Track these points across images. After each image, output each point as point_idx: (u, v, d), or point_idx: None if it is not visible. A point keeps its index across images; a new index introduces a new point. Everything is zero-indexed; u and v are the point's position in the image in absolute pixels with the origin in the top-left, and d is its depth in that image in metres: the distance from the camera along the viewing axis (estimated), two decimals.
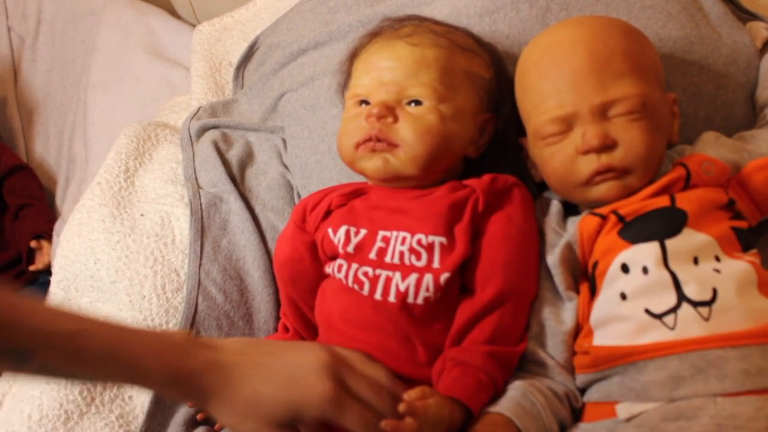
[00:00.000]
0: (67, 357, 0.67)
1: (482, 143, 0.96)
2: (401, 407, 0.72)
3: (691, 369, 0.72)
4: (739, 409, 0.69)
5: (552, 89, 0.87)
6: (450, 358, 0.81)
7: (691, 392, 0.72)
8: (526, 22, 1.04)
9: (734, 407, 0.69)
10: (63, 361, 0.67)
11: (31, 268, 1.65)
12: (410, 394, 0.75)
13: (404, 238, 0.87)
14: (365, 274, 0.87)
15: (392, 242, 0.88)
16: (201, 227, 1.08)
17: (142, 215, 1.12)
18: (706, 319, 0.74)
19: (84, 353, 0.67)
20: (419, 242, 0.86)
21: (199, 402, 0.75)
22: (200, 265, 1.05)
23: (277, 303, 1.05)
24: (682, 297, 0.76)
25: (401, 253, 0.87)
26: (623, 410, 0.76)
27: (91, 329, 0.68)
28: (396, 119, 0.90)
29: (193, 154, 1.20)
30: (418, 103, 0.90)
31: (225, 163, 1.17)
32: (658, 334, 0.75)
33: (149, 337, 0.72)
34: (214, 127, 1.25)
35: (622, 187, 0.85)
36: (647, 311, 0.76)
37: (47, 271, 1.61)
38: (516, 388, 0.79)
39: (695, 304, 0.75)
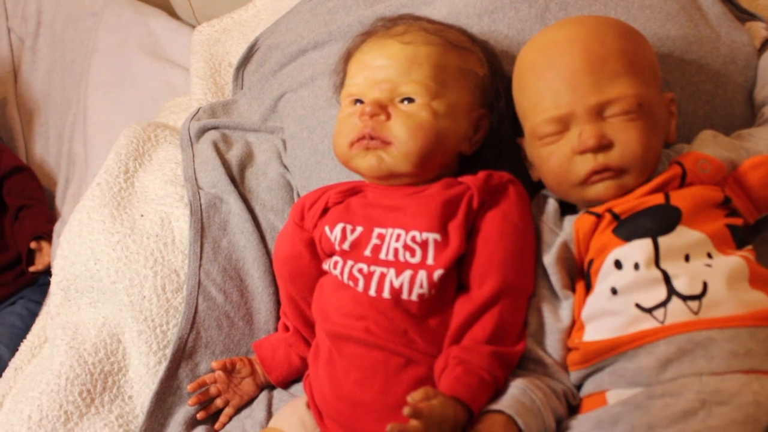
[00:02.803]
0: None
1: (477, 140, 0.96)
2: (405, 410, 0.71)
3: (679, 351, 0.73)
4: (723, 385, 0.69)
5: (548, 89, 0.87)
6: (453, 356, 0.81)
7: (677, 373, 0.72)
8: (525, 22, 1.04)
9: (719, 384, 0.70)
10: None
11: (31, 269, 1.65)
12: (414, 396, 0.74)
13: (399, 235, 0.88)
14: (360, 270, 0.87)
15: (387, 239, 0.88)
16: (201, 228, 1.09)
17: (142, 216, 1.12)
18: (696, 313, 0.74)
19: None
20: (413, 239, 0.87)
21: None
22: (200, 265, 1.05)
23: (277, 303, 1.05)
24: (672, 291, 0.76)
25: (396, 250, 0.87)
26: (613, 397, 0.76)
27: None
28: (389, 117, 0.90)
29: (193, 155, 1.21)
30: (410, 100, 0.91)
31: (225, 163, 1.17)
32: (646, 327, 0.76)
33: None
34: (214, 127, 1.25)
35: (618, 187, 0.85)
36: (638, 305, 0.77)
37: (47, 272, 1.61)
38: (516, 386, 0.80)
39: (685, 298, 0.75)
